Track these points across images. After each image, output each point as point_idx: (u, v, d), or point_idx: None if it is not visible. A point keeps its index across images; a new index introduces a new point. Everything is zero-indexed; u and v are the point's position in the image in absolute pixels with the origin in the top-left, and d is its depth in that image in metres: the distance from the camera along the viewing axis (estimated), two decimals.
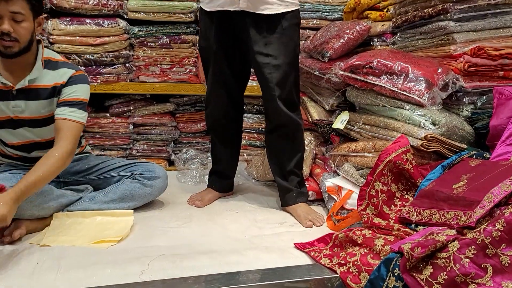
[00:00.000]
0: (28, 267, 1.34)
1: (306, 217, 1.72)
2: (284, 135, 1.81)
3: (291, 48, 1.73)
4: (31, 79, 1.61)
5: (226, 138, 2.00)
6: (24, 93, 1.62)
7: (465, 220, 1.23)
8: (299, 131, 1.85)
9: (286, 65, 1.71)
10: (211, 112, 1.95)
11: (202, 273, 1.30)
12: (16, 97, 1.62)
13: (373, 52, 1.97)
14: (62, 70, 1.66)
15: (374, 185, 1.53)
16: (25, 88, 1.61)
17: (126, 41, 2.36)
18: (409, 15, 2.04)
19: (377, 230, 1.43)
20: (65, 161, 1.57)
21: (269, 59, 1.70)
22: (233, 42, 1.78)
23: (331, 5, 2.65)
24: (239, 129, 2.05)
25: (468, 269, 1.08)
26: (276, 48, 1.70)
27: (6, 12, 1.48)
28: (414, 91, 1.70)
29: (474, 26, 1.82)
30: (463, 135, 1.70)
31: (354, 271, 1.26)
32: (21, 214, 1.54)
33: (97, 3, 2.27)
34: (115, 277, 1.27)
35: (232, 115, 1.97)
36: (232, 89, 1.89)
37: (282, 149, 1.84)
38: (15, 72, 1.61)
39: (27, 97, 1.63)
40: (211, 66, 1.84)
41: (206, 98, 1.97)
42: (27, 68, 1.62)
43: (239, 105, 1.99)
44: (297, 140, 1.85)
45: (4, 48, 1.53)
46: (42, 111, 1.66)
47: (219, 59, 1.81)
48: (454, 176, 1.45)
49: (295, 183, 1.85)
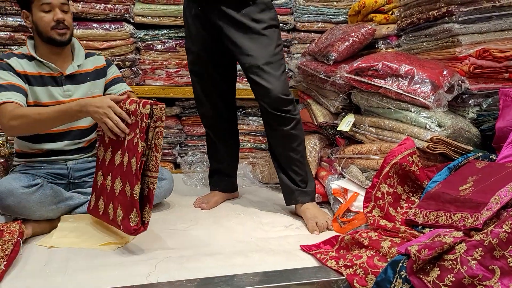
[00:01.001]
0: (36, 268, 1.35)
1: (314, 220, 1.68)
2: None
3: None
4: (79, 64, 1.78)
5: (222, 137, 2.00)
6: (71, 78, 1.77)
7: (472, 222, 1.23)
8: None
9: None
10: (203, 113, 1.97)
11: (208, 275, 1.30)
12: (66, 83, 1.75)
13: (378, 55, 1.98)
14: (95, 56, 1.87)
15: (380, 187, 1.53)
16: (72, 74, 1.76)
17: (133, 45, 2.38)
18: (414, 18, 2.05)
19: (383, 232, 1.43)
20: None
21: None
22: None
23: (335, 8, 2.66)
24: (234, 128, 2.05)
25: (475, 271, 1.08)
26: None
27: (57, 3, 1.67)
28: (420, 93, 1.70)
29: (479, 28, 1.82)
30: (469, 137, 1.70)
31: (360, 273, 1.26)
32: (29, 215, 1.56)
33: (103, 8, 2.30)
34: (122, 278, 1.28)
35: (225, 115, 1.97)
36: (219, 87, 1.90)
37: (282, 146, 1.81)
38: (59, 60, 1.75)
39: (75, 82, 1.77)
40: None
41: (195, 98, 1.97)
42: (69, 55, 1.78)
43: (231, 104, 1.99)
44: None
45: (60, 35, 1.69)
46: (89, 92, 1.79)
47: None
48: (460, 178, 1.44)
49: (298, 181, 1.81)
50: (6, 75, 1.65)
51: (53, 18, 1.66)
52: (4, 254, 1.34)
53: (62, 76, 1.74)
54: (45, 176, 1.70)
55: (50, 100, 1.72)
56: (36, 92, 1.70)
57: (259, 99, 1.75)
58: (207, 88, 1.90)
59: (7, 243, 1.40)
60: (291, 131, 1.76)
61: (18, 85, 1.65)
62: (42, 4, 1.65)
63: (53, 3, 1.65)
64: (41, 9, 1.65)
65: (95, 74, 1.82)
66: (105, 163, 1.58)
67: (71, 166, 1.81)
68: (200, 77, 1.88)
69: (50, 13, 1.66)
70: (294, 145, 1.78)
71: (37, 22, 1.67)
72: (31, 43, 1.75)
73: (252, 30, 1.69)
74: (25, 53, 1.72)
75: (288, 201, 1.84)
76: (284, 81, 1.73)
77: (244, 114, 2.65)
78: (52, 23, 1.66)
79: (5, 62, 1.68)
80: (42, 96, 1.71)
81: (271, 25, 1.72)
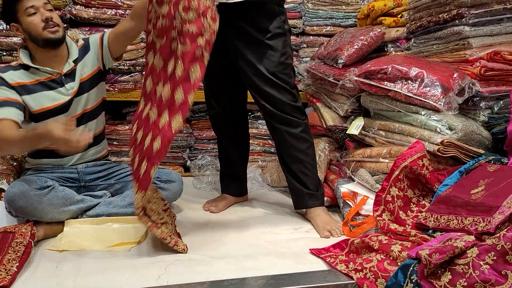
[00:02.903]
0: (48, 270, 1.37)
1: (325, 227, 1.68)
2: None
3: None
4: (74, 59, 1.78)
5: (233, 140, 2.01)
6: (70, 74, 1.77)
7: (484, 226, 1.21)
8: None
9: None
10: (213, 116, 1.98)
11: (218, 278, 1.30)
12: (67, 81, 1.76)
13: (388, 58, 1.97)
14: (85, 41, 1.84)
15: (390, 190, 1.52)
16: (70, 71, 1.76)
17: (143, 49, 2.40)
18: (424, 21, 2.04)
19: (393, 236, 1.42)
20: None
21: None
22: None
23: (344, 12, 2.66)
24: (245, 132, 2.05)
25: (487, 275, 1.06)
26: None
27: (40, 4, 1.68)
28: (430, 96, 1.69)
29: (490, 30, 1.81)
30: (480, 140, 1.68)
31: (370, 277, 1.25)
32: (41, 217, 1.59)
33: (114, 13, 2.33)
34: (132, 281, 1.28)
35: (236, 119, 1.97)
36: (228, 89, 1.90)
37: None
38: (57, 62, 1.76)
39: (74, 77, 1.77)
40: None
41: (206, 101, 1.98)
42: (65, 54, 1.78)
43: (241, 108, 1.99)
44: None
45: (53, 33, 1.69)
46: (84, 70, 1.80)
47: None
48: (471, 182, 1.43)
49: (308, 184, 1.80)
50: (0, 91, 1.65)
51: (41, 18, 1.67)
52: (16, 256, 1.36)
53: (61, 76, 1.75)
54: (57, 180, 1.71)
55: (54, 103, 1.74)
56: (37, 99, 1.71)
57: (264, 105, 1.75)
58: (217, 92, 1.91)
59: (19, 245, 1.42)
60: (300, 134, 1.76)
61: (12, 100, 1.65)
62: (26, 9, 1.67)
63: (35, 5, 1.67)
64: (27, 14, 1.67)
65: (80, 55, 1.81)
66: (155, 70, 1.53)
67: (81, 170, 1.83)
68: (210, 81, 1.89)
69: (37, 14, 1.68)
70: (304, 147, 1.77)
71: (28, 28, 1.68)
72: (25, 53, 1.75)
73: (255, 39, 1.68)
74: (21, 63, 1.74)
75: (298, 205, 1.84)
76: (290, 90, 1.73)
77: (253, 118, 2.66)
78: (41, 23, 1.67)
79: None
80: (44, 101, 1.72)
81: (276, 34, 1.70)
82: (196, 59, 1.39)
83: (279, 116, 1.73)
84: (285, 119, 1.73)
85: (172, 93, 1.42)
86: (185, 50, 1.40)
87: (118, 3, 2.32)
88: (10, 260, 1.34)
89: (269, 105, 1.73)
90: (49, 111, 1.73)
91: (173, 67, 1.44)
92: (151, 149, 1.41)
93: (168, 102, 1.43)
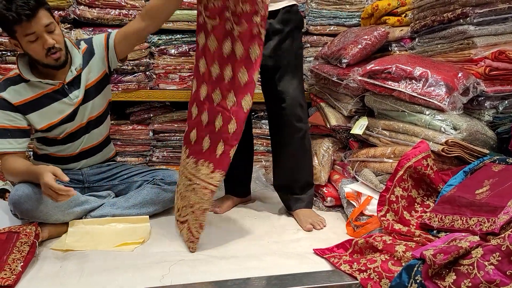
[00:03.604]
0: (52, 270, 1.37)
1: (306, 220, 1.72)
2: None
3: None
4: (76, 67, 1.70)
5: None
6: (74, 82, 1.70)
7: (489, 226, 1.21)
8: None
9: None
10: None
11: (221, 278, 1.31)
12: (71, 89, 1.70)
13: (392, 58, 1.96)
14: (89, 44, 1.76)
15: (394, 190, 1.52)
16: (72, 79, 1.69)
17: (146, 49, 2.40)
18: (428, 20, 2.03)
19: (397, 236, 1.41)
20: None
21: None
22: None
23: (348, 12, 2.65)
24: (249, 133, 2.06)
25: (492, 276, 1.06)
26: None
27: (41, 28, 1.53)
28: (434, 96, 1.69)
29: (494, 30, 1.79)
30: (485, 140, 1.67)
31: (375, 277, 1.25)
32: (46, 218, 1.59)
33: (118, 14, 2.33)
34: (136, 281, 1.29)
35: None
36: None
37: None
38: (59, 73, 1.67)
39: (79, 84, 1.71)
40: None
41: None
42: (68, 63, 1.68)
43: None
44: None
45: (55, 60, 1.60)
46: (89, 76, 1.74)
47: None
48: (476, 182, 1.42)
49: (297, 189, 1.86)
50: (1, 116, 1.60)
51: (43, 46, 1.54)
52: (21, 256, 1.37)
53: (64, 86, 1.68)
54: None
55: (60, 116, 1.69)
56: (43, 115, 1.67)
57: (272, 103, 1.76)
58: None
59: (24, 244, 1.43)
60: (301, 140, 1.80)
61: (14, 128, 1.62)
62: (26, 35, 1.52)
63: (37, 31, 1.52)
64: (26, 40, 1.53)
65: (84, 61, 1.73)
66: (209, 51, 1.53)
67: (86, 171, 1.83)
68: None
69: (38, 41, 1.53)
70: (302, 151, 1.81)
71: (28, 52, 1.58)
72: (24, 63, 1.65)
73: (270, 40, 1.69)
74: (21, 76, 1.64)
75: (287, 207, 1.87)
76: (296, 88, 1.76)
77: (256, 118, 2.65)
78: (43, 51, 1.55)
79: (0, 97, 1.60)
80: (51, 116, 1.68)
81: (288, 33, 1.72)
82: (254, 37, 1.41)
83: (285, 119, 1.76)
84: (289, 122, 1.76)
85: (235, 74, 1.45)
86: (242, 30, 1.41)
87: (121, 3, 2.32)
88: (15, 259, 1.34)
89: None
90: (55, 124, 1.70)
91: (230, 48, 1.46)
92: (227, 131, 1.47)
93: (231, 83, 1.46)
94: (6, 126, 1.61)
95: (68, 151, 1.78)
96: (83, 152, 1.81)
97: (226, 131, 1.48)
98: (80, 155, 1.80)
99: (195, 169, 1.59)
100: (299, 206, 1.83)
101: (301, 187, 1.85)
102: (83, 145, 1.79)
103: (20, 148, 1.63)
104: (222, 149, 1.49)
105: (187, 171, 1.63)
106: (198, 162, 1.58)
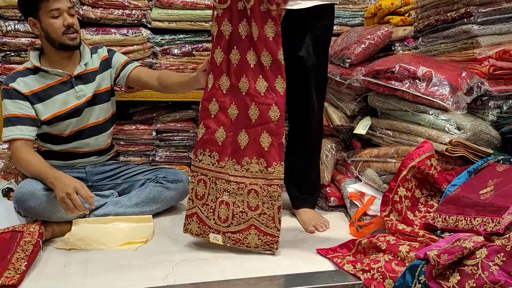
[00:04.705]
0: (56, 269, 1.38)
1: (309, 222, 1.72)
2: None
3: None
4: (86, 62, 1.79)
5: None
6: (81, 77, 1.78)
7: (493, 227, 1.20)
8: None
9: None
10: None
11: (225, 278, 1.31)
12: (77, 83, 1.76)
13: (395, 57, 1.96)
14: (98, 50, 1.88)
15: (397, 190, 1.51)
16: (81, 73, 1.77)
17: (150, 49, 2.41)
18: (432, 19, 2.02)
19: (401, 237, 1.41)
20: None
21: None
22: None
23: (351, 11, 2.64)
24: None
25: (497, 276, 1.05)
26: None
27: (65, 8, 1.67)
28: (438, 96, 1.68)
29: (498, 29, 1.79)
30: (489, 140, 1.67)
31: (378, 277, 1.24)
32: (50, 216, 1.60)
33: (121, 13, 2.33)
34: (140, 280, 1.29)
35: None
36: None
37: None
38: (69, 64, 1.76)
39: (86, 80, 1.79)
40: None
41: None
42: (77, 56, 1.79)
43: None
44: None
45: (71, 40, 1.69)
46: (97, 86, 1.81)
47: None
48: (480, 182, 1.42)
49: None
50: (12, 105, 1.66)
51: (63, 23, 1.66)
52: (25, 255, 1.37)
53: (71, 78, 1.75)
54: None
55: (65, 107, 1.74)
56: (48, 106, 1.72)
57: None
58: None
59: (27, 244, 1.43)
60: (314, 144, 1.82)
61: (24, 116, 1.66)
62: (51, 10, 1.64)
63: (61, 8, 1.65)
64: (50, 16, 1.64)
65: (102, 67, 1.84)
66: (223, 37, 1.46)
67: (89, 170, 1.84)
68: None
69: (59, 18, 1.66)
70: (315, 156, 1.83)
71: (47, 29, 1.67)
72: (35, 55, 1.75)
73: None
74: (29, 66, 1.73)
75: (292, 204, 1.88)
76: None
77: None
78: (62, 28, 1.66)
79: (10, 87, 1.67)
80: (55, 107, 1.73)
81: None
82: (265, 14, 1.36)
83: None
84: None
85: (259, 57, 1.39)
86: (253, 5, 1.37)
87: (125, 3, 2.32)
88: (19, 259, 1.35)
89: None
90: (60, 116, 1.74)
91: (247, 29, 1.40)
92: (269, 120, 1.39)
93: (256, 68, 1.39)
94: (17, 114, 1.66)
95: (71, 127, 1.80)
96: (88, 128, 1.83)
97: (268, 120, 1.38)
98: (84, 131, 1.83)
99: (242, 171, 1.45)
100: (304, 205, 1.82)
101: (309, 187, 1.85)
102: (88, 121, 1.81)
103: (30, 136, 1.66)
104: (269, 140, 1.39)
105: (225, 177, 1.48)
106: (240, 162, 1.44)
